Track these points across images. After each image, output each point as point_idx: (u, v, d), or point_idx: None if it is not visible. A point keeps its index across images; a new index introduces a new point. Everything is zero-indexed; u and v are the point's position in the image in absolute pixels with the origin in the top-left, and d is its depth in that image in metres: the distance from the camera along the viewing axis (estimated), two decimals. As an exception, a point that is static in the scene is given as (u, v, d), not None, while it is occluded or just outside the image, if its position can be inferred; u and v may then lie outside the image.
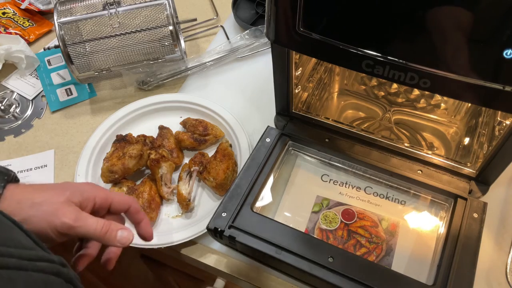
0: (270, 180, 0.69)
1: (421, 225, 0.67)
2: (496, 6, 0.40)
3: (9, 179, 0.47)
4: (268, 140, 0.70)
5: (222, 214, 0.62)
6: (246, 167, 0.67)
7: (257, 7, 0.98)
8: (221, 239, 0.61)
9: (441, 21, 0.43)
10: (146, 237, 0.55)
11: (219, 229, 0.60)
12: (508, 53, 0.42)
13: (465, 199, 0.63)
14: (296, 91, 0.70)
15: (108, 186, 0.74)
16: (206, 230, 0.68)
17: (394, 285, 0.54)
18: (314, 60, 0.75)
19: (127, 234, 0.50)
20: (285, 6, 0.50)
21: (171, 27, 0.82)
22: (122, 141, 0.77)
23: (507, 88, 0.44)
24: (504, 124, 0.61)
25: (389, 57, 0.47)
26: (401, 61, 0.47)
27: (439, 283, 0.54)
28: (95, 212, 0.51)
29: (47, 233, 0.46)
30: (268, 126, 0.72)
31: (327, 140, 0.70)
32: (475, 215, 0.61)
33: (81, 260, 0.51)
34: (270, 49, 0.60)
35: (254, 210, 0.63)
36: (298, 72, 0.69)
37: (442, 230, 0.64)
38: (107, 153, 0.77)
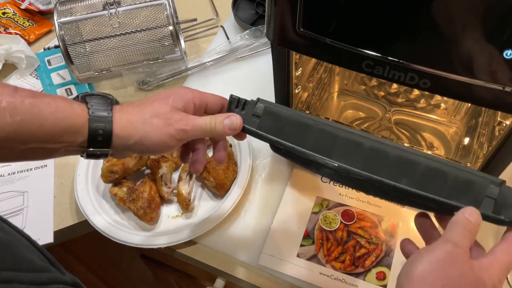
0: None
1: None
2: (496, 6, 0.40)
3: (112, 102, 0.49)
4: None
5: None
6: None
7: (257, 7, 0.98)
8: (246, 112, 0.53)
9: (441, 22, 0.43)
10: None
11: (245, 99, 0.54)
12: (508, 53, 0.42)
13: None
14: (296, 91, 0.70)
15: (108, 186, 0.74)
16: (206, 230, 0.68)
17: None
18: (314, 60, 0.75)
19: (234, 119, 0.52)
20: (285, 6, 0.50)
21: (171, 27, 0.82)
22: (122, 141, 0.77)
23: (507, 88, 0.44)
24: (504, 124, 0.61)
25: (389, 57, 0.47)
26: (401, 61, 0.47)
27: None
28: (195, 113, 0.52)
29: (166, 142, 0.48)
30: None
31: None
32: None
33: (198, 165, 0.55)
34: (270, 49, 0.60)
35: None
36: (298, 72, 0.69)
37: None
38: (107, 153, 0.77)
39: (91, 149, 0.46)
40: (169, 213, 0.74)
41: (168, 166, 0.74)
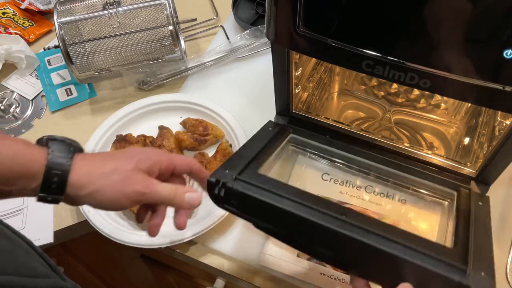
0: (272, 160, 0.63)
1: (422, 223, 0.67)
2: (496, 6, 0.40)
3: (75, 149, 0.48)
4: (270, 128, 0.67)
5: (225, 171, 0.53)
6: (245, 144, 0.62)
7: (257, 7, 0.98)
8: (224, 194, 0.53)
9: (441, 21, 0.43)
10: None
11: (223, 181, 0.52)
12: (508, 53, 0.42)
13: (468, 189, 0.62)
14: (296, 91, 0.70)
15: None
16: (206, 230, 0.68)
17: (415, 243, 0.48)
18: (314, 60, 0.75)
19: (195, 196, 0.51)
20: (285, 6, 0.50)
21: (171, 27, 0.82)
22: (122, 141, 0.77)
23: (507, 88, 0.44)
24: (504, 124, 0.61)
25: (389, 57, 0.47)
26: (401, 61, 0.47)
27: (459, 246, 0.50)
28: (160, 176, 0.51)
29: (120, 201, 0.47)
30: (269, 120, 0.70)
31: (327, 137, 0.70)
32: (480, 203, 0.58)
33: (154, 229, 0.55)
34: (270, 49, 0.60)
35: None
36: (298, 72, 0.69)
37: (446, 222, 0.63)
38: (107, 153, 0.77)
39: (42, 194, 0.45)
40: (169, 213, 0.74)
41: (168, 166, 0.74)
